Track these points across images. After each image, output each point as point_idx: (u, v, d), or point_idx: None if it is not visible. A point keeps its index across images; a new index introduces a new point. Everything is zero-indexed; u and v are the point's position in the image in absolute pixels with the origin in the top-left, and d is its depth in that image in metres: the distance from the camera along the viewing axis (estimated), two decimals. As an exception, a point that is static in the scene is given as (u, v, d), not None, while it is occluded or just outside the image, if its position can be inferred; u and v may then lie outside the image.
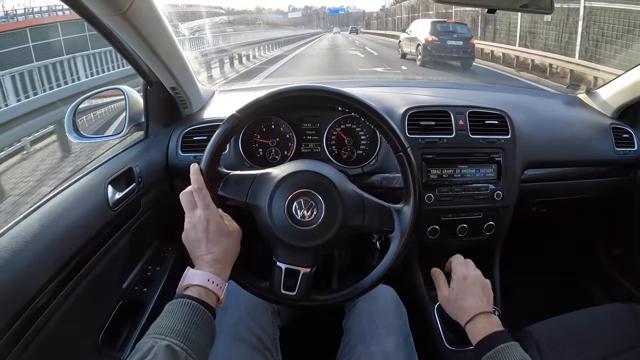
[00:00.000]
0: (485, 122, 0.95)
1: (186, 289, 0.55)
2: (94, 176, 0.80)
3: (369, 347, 0.70)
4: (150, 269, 0.95)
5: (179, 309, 0.51)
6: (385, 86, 1.23)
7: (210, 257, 0.58)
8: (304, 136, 0.98)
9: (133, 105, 0.97)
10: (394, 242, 0.65)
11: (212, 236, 0.59)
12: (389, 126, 0.63)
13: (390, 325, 0.74)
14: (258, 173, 0.65)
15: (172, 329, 0.48)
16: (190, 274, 0.56)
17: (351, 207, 0.63)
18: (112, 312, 0.82)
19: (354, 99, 0.63)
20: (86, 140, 0.96)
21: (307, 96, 0.65)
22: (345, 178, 0.68)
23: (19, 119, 3.73)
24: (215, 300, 0.57)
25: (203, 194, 0.61)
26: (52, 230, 0.63)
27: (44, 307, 0.60)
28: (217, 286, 0.56)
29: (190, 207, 0.61)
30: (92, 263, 0.72)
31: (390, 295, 0.81)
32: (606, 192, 1.18)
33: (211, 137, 0.63)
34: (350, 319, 0.78)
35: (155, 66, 0.88)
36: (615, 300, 1.21)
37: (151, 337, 0.47)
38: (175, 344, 0.47)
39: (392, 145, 0.64)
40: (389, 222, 0.65)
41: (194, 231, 0.59)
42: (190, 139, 0.97)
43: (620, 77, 1.19)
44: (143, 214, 0.90)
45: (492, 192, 0.94)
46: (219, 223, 0.60)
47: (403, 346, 0.72)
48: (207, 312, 0.53)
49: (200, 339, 0.50)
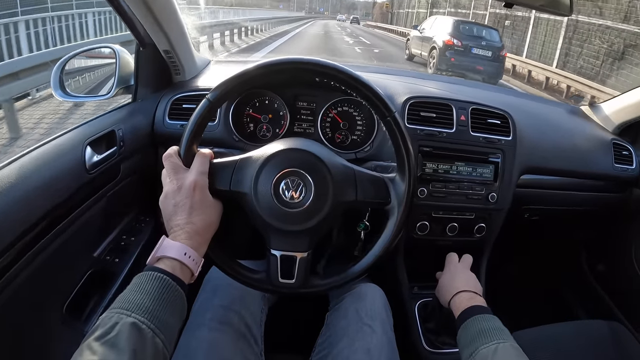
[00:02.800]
0: (488, 120, 0.92)
1: (159, 260, 0.50)
2: (73, 135, 0.75)
3: (353, 342, 0.67)
4: (124, 238, 0.91)
5: (149, 283, 0.46)
6: (389, 74, 1.20)
7: (191, 227, 0.53)
8: (298, 115, 0.94)
9: (123, 67, 0.92)
10: (392, 214, 0.61)
11: (197, 205, 0.54)
12: (371, 91, 0.59)
13: (376, 324, 0.71)
14: (239, 159, 0.60)
15: (140, 305, 0.44)
16: (166, 244, 0.51)
17: (342, 182, 0.59)
18: (79, 281, 0.77)
19: (329, 67, 0.58)
20: (71, 99, 0.92)
21: (283, 69, 0.59)
22: (333, 153, 0.64)
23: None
24: (190, 276, 0.52)
25: (205, 159, 0.57)
26: (21, 188, 0.58)
27: (5, 269, 0.55)
28: (193, 261, 0.51)
29: (175, 171, 0.56)
30: (63, 227, 0.67)
31: (379, 294, 0.79)
32: (599, 207, 1.17)
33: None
34: (335, 314, 0.76)
35: (150, 26, 0.83)
36: (594, 315, 1.21)
37: (116, 312, 0.43)
38: (142, 322, 0.42)
39: (378, 111, 0.60)
40: (384, 193, 0.61)
41: (178, 195, 0.54)
42: (179, 107, 0.93)
43: (626, 94, 1.18)
44: (122, 180, 0.86)
45: (487, 193, 0.92)
46: (205, 192, 0.56)
47: (386, 346, 0.70)
48: (179, 289, 0.48)
49: (170, 319, 0.46)
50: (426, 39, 8.47)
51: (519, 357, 0.56)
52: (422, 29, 9.10)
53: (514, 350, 0.57)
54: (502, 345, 0.57)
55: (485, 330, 0.60)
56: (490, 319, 0.63)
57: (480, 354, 0.57)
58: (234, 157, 0.60)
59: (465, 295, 0.70)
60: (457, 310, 0.68)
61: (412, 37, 9.73)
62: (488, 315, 0.64)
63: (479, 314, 0.64)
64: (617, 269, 1.22)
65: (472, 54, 7.33)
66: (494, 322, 0.62)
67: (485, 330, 0.60)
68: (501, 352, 0.56)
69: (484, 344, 0.58)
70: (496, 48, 7.55)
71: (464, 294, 0.70)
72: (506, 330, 0.61)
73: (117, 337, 0.40)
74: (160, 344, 0.43)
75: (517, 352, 0.57)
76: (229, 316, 0.67)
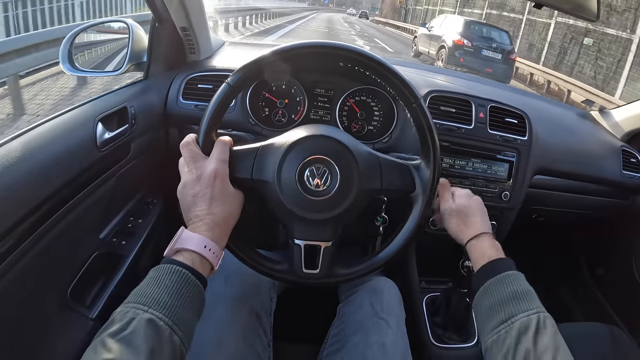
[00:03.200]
0: (505, 119, 0.92)
1: (177, 252, 0.48)
2: (84, 110, 0.72)
3: (368, 336, 0.66)
4: (132, 220, 0.88)
5: (167, 277, 0.44)
6: (405, 66, 1.19)
7: (211, 218, 0.50)
8: (315, 102, 0.92)
9: (136, 43, 0.89)
10: (416, 202, 0.60)
11: (217, 195, 0.52)
12: (398, 77, 0.58)
13: (392, 319, 0.70)
14: (260, 146, 0.58)
15: (157, 300, 0.42)
16: (185, 236, 0.48)
17: (368, 170, 0.58)
18: (85, 263, 0.74)
19: (357, 52, 0.57)
20: (80, 73, 0.88)
21: (305, 54, 0.57)
22: (357, 140, 0.62)
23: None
24: (209, 270, 0.50)
25: (225, 148, 0.54)
26: (29, 165, 0.56)
27: (12, 249, 0.53)
28: (213, 254, 0.49)
29: (194, 159, 0.53)
30: (70, 206, 0.64)
31: (394, 290, 0.78)
32: (603, 211, 1.18)
33: (217, 88, 0.56)
34: (349, 306, 0.74)
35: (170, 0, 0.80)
36: (592, 318, 1.23)
37: (132, 307, 0.41)
38: (160, 318, 0.40)
39: (404, 98, 0.59)
40: (409, 181, 0.61)
41: (197, 185, 0.51)
42: (194, 86, 0.90)
43: (636, 103, 1.19)
44: (132, 160, 0.83)
45: (501, 191, 0.92)
46: (225, 183, 0.53)
47: (401, 340, 0.69)
48: (199, 284, 0.46)
49: (188, 315, 0.44)
50: (435, 37, 8.25)
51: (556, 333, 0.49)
52: (431, 26, 8.91)
53: (553, 327, 0.49)
54: (543, 316, 0.50)
55: (520, 293, 0.52)
56: (520, 279, 0.55)
57: (522, 322, 0.49)
58: (255, 145, 0.58)
59: (489, 241, 0.62)
60: (479, 255, 0.60)
61: (420, 34, 9.59)
62: (518, 275, 0.56)
63: (509, 270, 0.56)
64: (617, 275, 1.24)
65: (481, 55, 7.16)
66: (524, 284, 0.54)
67: (521, 294, 0.52)
68: (544, 325, 0.48)
69: (524, 311, 0.50)
70: (506, 51, 7.36)
71: (488, 239, 0.62)
72: (533, 290, 0.54)
73: (134, 334, 0.38)
74: (178, 341, 0.41)
75: (554, 326, 0.50)
76: (240, 309, 0.65)
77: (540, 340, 0.47)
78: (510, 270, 0.56)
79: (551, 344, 0.47)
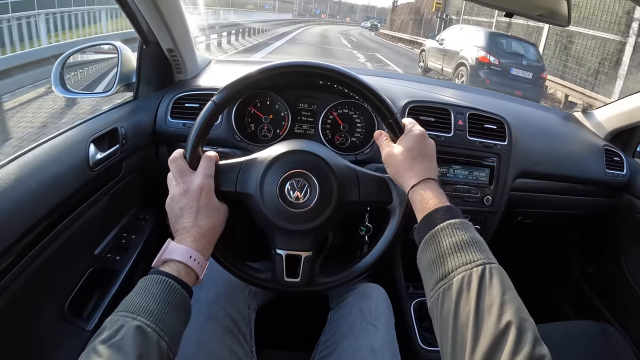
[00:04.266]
0: (484, 125, 0.95)
1: (164, 263, 0.51)
2: (77, 132, 0.75)
3: (357, 340, 0.68)
4: (125, 236, 0.91)
5: (154, 286, 0.47)
6: (388, 77, 1.21)
7: (197, 230, 0.54)
8: (299, 116, 0.95)
9: (125, 64, 0.93)
10: (393, 214, 0.63)
11: (203, 208, 0.55)
12: (374, 94, 0.60)
13: (380, 324, 0.72)
14: (244, 160, 0.61)
15: (145, 308, 0.44)
16: (172, 247, 0.52)
17: (345, 183, 0.61)
18: (81, 279, 0.78)
19: (334, 70, 0.60)
20: (72, 95, 0.92)
21: (288, 73, 0.61)
22: (336, 154, 0.66)
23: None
24: (194, 279, 0.53)
25: (210, 163, 0.58)
26: (26, 185, 0.59)
27: (11, 266, 0.56)
28: (198, 264, 0.52)
29: (181, 174, 0.57)
30: (66, 224, 0.68)
31: (383, 295, 0.80)
32: (590, 211, 1.20)
33: (204, 106, 0.59)
34: (339, 312, 0.77)
35: (155, 24, 0.84)
36: (583, 316, 1.24)
37: (121, 315, 0.43)
38: (148, 325, 0.43)
39: (380, 113, 0.61)
40: (387, 193, 0.63)
41: (184, 198, 0.55)
42: (181, 105, 0.93)
43: (618, 102, 1.21)
44: (123, 178, 0.86)
45: (482, 196, 0.94)
46: (211, 195, 0.57)
47: (389, 344, 0.71)
48: (184, 293, 0.49)
49: (175, 322, 0.46)
50: (449, 53, 6.96)
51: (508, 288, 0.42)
52: (442, 39, 7.63)
53: (500, 279, 0.42)
54: (489, 268, 0.43)
55: (464, 243, 0.45)
56: (470, 229, 0.48)
57: (462, 277, 0.42)
58: (239, 159, 0.62)
59: (434, 186, 0.54)
60: (423, 203, 0.52)
61: (429, 48, 8.20)
62: (467, 224, 0.48)
63: (454, 219, 0.48)
64: (607, 272, 1.26)
65: (510, 75, 5.86)
66: (473, 234, 0.47)
67: (465, 244, 0.45)
68: (490, 277, 0.42)
69: (466, 263, 0.43)
70: (537, 68, 6.08)
71: (433, 184, 0.54)
72: (482, 240, 0.47)
73: (123, 340, 0.41)
74: (165, 347, 0.44)
75: (506, 279, 0.43)
76: (215, 310, 0.68)
77: (485, 296, 0.40)
78: (453, 219, 0.48)
79: (497, 298, 0.40)
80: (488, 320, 0.39)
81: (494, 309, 0.39)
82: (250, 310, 0.75)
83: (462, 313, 0.41)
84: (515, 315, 0.39)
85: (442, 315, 0.43)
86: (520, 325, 0.38)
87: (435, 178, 0.56)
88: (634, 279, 1.14)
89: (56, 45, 5.18)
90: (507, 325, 0.38)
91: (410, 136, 0.59)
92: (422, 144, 0.58)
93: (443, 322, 0.43)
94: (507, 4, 0.83)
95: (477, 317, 0.40)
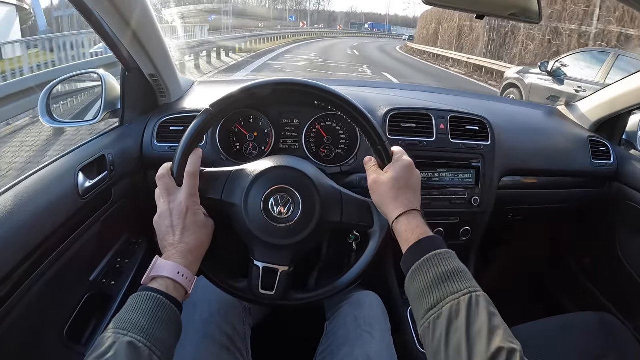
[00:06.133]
0: (466, 127, 0.96)
1: (153, 280, 0.53)
2: (65, 162, 0.77)
3: (353, 350, 0.69)
4: (119, 261, 0.92)
5: (144, 303, 0.49)
6: (367, 86, 1.23)
7: (184, 247, 0.56)
8: (283, 132, 0.96)
9: (110, 91, 0.94)
10: (373, 238, 0.64)
11: (190, 225, 0.57)
12: (366, 119, 0.62)
13: (375, 331, 0.73)
14: (233, 170, 0.63)
15: (136, 325, 0.46)
16: (159, 264, 0.54)
17: (329, 203, 0.62)
18: (78, 305, 0.79)
19: (330, 92, 0.61)
20: (59, 125, 0.93)
21: (284, 89, 0.63)
22: (323, 174, 0.67)
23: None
24: (183, 294, 0.54)
25: (194, 182, 0.59)
26: (18, 217, 0.60)
27: (7, 296, 0.57)
28: (186, 280, 0.54)
29: (168, 192, 0.58)
30: (59, 252, 0.69)
31: (377, 302, 0.81)
32: (581, 202, 1.21)
33: (187, 128, 0.61)
34: (334, 322, 0.77)
35: (135, 51, 0.85)
36: (583, 307, 1.24)
37: (113, 332, 0.45)
38: (139, 341, 0.44)
39: (370, 138, 0.63)
40: (368, 217, 0.64)
41: (170, 216, 0.57)
42: (166, 129, 0.94)
43: (599, 92, 1.22)
44: (114, 204, 0.87)
45: (470, 197, 0.95)
46: (197, 213, 0.59)
47: (385, 351, 0.71)
48: (174, 308, 0.51)
49: (165, 336, 0.48)
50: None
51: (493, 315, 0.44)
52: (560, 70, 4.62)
53: (487, 306, 0.45)
54: (475, 296, 0.45)
55: (450, 273, 0.47)
56: (454, 258, 0.50)
57: (451, 306, 0.44)
58: (228, 168, 0.64)
59: (418, 218, 0.56)
60: (408, 233, 0.54)
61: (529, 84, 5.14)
62: (451, 253, 0.51)
63: (439, 249, 0.50)
64: (604, 262, 1.26)
65: None
66: (458, 264, 0.49)
67: (451, 274, 0.47)
68: (477, 305, 0.44)
69: (453, 292, 0.45)
70: None
71: (417, 216, 0.56)
72: (466, 268, 0.49)
73: (115, 356, 0.42)
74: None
75: (491, 306, 0.46)
76: (209, 329, 0.69)
77: (474, 323, 0.43)
78: (440, 249, 0.50)
79: (485, 325, 0.42)
80: (479, 346, 0.41)
81: (483, 334, 0.42)
82: (246, 326, 0.76)
83: (453, 340, 0.43)
84: (503, 339, 0.41)
85: (434, 343, 0.45)
86: (509, 349, 0.41)
87: (419, 209, 0.57)
88: (630, 266, 1.15)
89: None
90: (498, 350, 0.40)
91: (397, 165, 0.60)
92: (409, 174, 0.59)
93: (435, 349, 0.44)
94: (478, 6, 0.84)
95: (469, 343, 0.41)
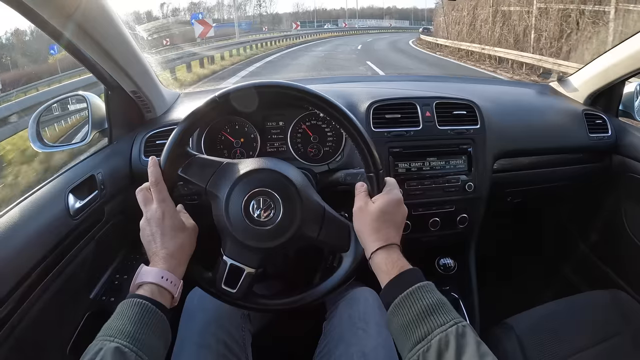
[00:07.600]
0: (453, 112, 0.94)
1: (139, 287, 0.54)
2: (55, 185, 0.78)
3: (348, 348, 0.69)
4: (118, 277, 0.93)
5: (130, 309, 0.50)
6: (351, 82, 1.21)
7: (165, 252, 0.57)
8: (269, 135, 0.96)
9: (96, 112, 0.95)
10: (345, 260, 0.64)
11: (167, 230, 0.58)
12: (366, 144, 0.61)
13: (370, 327, 0.72)
14: (224, 162, 0.63)
15: (122, 330, 0.47)
16: (144, 271, 0.55)
17: (310, 217, 0.62)
18: (79, 323, 0.80)
19: (339, 109, 0.61)
20: (50, 149, 0.94)
21: (272, 92, 0.63)
22: (311, 186, 0.66)
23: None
24: (170, 298, 0.55)
25: (159, 188, 0.60)
26: (11, 243, 0.62)
27: (7, 317, 0.58)
28: (171, 283, 0.55)
29: (146, 203, 0.60)
30: (55, 273, 0.70)
31: (372, 297, 0.79)
32: (581, 178, 1.18)
33: None
34: (331, 322, 0.77)
35: (112, 70, 0.86)
36: (595, 286, 1.21)
37: (100, 340, 0.46)
38: (125, 346, 0.46)
39: (366, 163, 0.62)
40: (345, 241, 0.63)
41: (149, 226, 0.59)
42: (152, 143, 0.95)
43: (590, 64, 1.19)
44: (107, 222, 0.88)
45: (464, 183, 0.93)
46: (174, 217, 0.60)
47: (382, 346, 0.70)
48: (159, 312, 0.51)
49: (152, 341, 0.49)
50: None
51: (479, 343, 0.46)
52: None
53: (473, 336, 0.46)
54: (462, 326, 0.46)
55: (434, 306, 0.48)
56: (434, 291, 0.51)
57: (440, 339, 0.45)
58: (220, 159, 0.64)
59: (397, 252, 0.56)
60: (389, 267, 0.54)
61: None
62: (431, 285, 0.52)
63: (419, 283, 0.51)
64: (610, 237, 1.23)
65: None
66: (439, 296, 0.50)
67: (434, 307, 0.48)
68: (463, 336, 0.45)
69: (440, 325, 0.46)
70: None
71: (396, 250, 0.57)
72: (445, 299, 0.50)
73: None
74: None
75: (475, 334, 0.47)
76: (206, 339, 0.69)
77: (464, 353, 0.44)
78: (420, 282, 0.51)
79: (474, 354, 0.43)
80: None
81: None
82: (245, 333, 0.75)
83: None
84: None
85: None
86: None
87: (398, 244, 0.58)
88: (638, 238, 1.12)
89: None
90: None
91: (386, 198, 0.60)
92: (396, 210, 0.60)
93: None
94: None
95: None
